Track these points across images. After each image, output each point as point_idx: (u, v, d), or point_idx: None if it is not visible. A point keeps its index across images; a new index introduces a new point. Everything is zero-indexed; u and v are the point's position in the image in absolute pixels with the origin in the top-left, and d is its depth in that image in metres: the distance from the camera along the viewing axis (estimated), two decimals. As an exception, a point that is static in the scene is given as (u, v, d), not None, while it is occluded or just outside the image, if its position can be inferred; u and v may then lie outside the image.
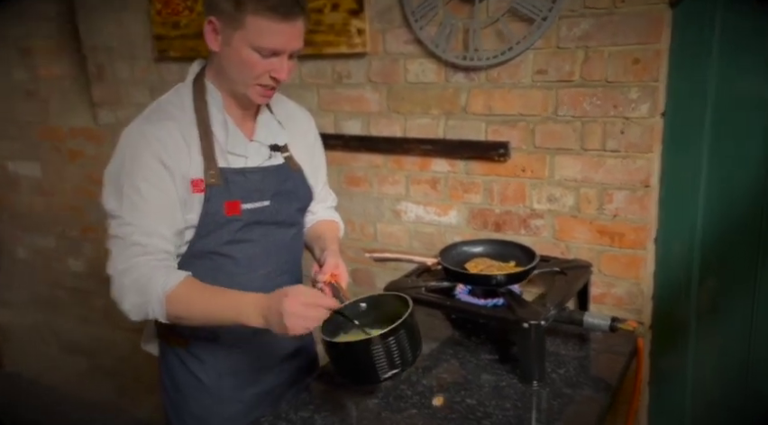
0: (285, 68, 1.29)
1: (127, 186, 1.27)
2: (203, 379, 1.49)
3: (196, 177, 1.32)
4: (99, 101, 2.84)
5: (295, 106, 1.60)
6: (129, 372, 3.32)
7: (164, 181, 1.29)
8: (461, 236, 2.01)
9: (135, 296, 1.24)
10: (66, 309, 3.47)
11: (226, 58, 1.29)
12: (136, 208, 1.26)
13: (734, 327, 1.76)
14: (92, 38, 2.75)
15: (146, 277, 1.24)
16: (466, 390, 1.47)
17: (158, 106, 1.36)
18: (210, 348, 1.48)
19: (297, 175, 1.50)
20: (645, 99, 1.64)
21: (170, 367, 1.52)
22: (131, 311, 1.26)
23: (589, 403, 1.43)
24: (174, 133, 1.30)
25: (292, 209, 1.49)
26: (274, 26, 1.23)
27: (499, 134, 1.87)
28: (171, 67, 2.52)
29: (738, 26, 1.58)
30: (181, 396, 1.52)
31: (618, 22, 1.62)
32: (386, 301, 1.36)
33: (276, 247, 1.47)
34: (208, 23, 1.27)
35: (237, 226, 1.37)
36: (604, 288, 1.82)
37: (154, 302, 1.23)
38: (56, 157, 3.15)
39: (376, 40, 2.00)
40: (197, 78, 1.39)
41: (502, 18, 1.77)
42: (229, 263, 1.40)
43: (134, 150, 1.28)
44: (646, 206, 1.71)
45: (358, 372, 1.25)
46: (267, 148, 1.44)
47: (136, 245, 1.26)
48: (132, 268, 1.25)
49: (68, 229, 3.26)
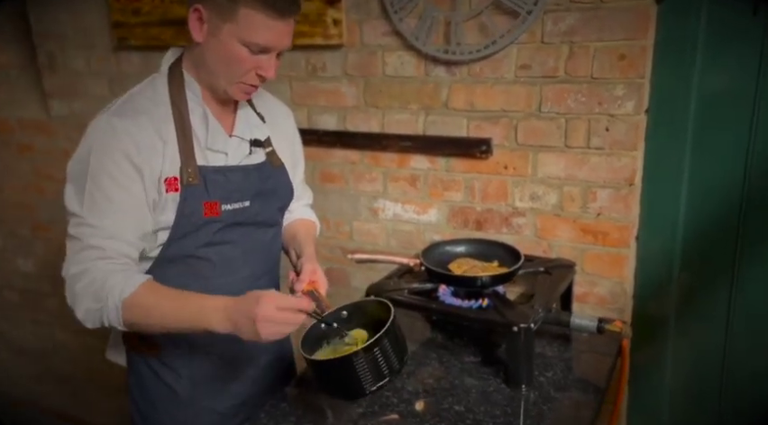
0: (273, 66, 1.22)
1: (90, 184, 1.16)
2: (176, 389, 1.40)
3: (170, 176, 1.22)
4: (51, 92, 2.67)
5: (274, 100, 1.52)
6: (83, 376, 3.17)
7: (132, 180, 1.18)
8: (441, 234, 1.96)
9: (90, 302, 1.14)
10: (15, 311, 3.28)
11: (211, 50, 1.19)
12: (98, 208, 1.16)
13: (712, 324, 1.76)
14: (43, 25, 2.58)
15: (100, 282, 1.13)
16: (453, 396, 1.43)
17: (130, 98, 1.25)
18: (183, 355, 1.39)
19: (278, 171, 1.41)
20: (631, 96, 1.62)
21: (140, 378, 1.42)
22: (85, 318, 1.16)
23: (580, 407, 1.41)
24: (147, 129, 1.20)
25: (273, 209, 1.41)
26: (269, 22, 1.15)
27: (481, 130, 1.82)
28: (132, 57, 2.39)
29: (724, 21, 1.57)
30: (152, 408, 1.42)
31: (604, 18, 1.60)
32: (366, 306, 1.30)
33: (255, 248, 1.39)
34: (194, 11, 1.17)
35: (215, 228, 1.28)
36: (587, 287, 1.80)
37: (110, 309, 1.13)
38: (3, 151, 2.96)
39: (353, 32, 1.93)
40: (173, 69, 1.28)
41: (485, 11, 1.71)
42: (206, 266, 1.31)
43: (101, 145, 1.17)
44: (630, 204, 1.70)
45: (345, 387, 1.18)
46: (247, 143, 1.35)
47: (94, 248, 1.16)
48: (86, 272, 1.14)
49: (17, 227, 3.07)
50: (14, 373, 3.39)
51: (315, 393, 1.43)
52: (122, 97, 1.26)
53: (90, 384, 3.16)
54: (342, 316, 1.28)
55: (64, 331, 3.15)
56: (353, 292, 2.16)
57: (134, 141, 1.18)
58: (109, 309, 1.13)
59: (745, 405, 1.78)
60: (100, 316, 1.14)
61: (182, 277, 1.26)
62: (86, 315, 1.15)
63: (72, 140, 2.68)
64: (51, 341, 3.22)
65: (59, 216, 2.95)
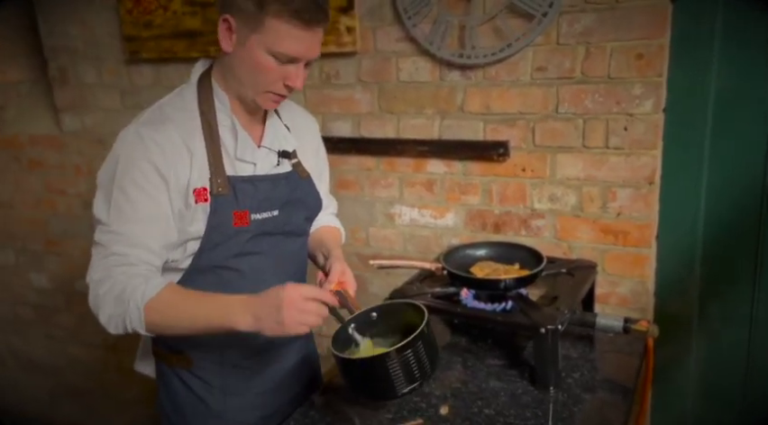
0: (301, 76, 1.21)
1: (117, 192, 1.17)
2: (208, 402, 1.39)
3: (198, 186, 1.22)
4: (63, 106, 2.68)
5: (300, 110, 1.52)
6: (97, 390, 3.16)
7: (157, 189, 1.19)
8: (459, 238, 1.96)
9: (112, 307, 1.14)
10: (29, 327, 3.28)
11: (239, 59, 1.19)
12: (123, 215, 1.17)
13: (735, 321, 1.76)
14: (53, 39, 2.59)
15: (122, 286, 1.13)
16: (482, 399, 1.42)
17: (159, 108, 1.25)
18: (215, 368, 1.39)
19: (305, 182, 1.41)
20: (649, 95, 1.62)
21: (171, 390, 1.42)
22: (108, 323, 1.15)
23: (610, 408, 1.40)
24: (175, 139, 1.20)
25: (300, 218, 1.41)
26: (295, 32, 1.14)
27: (498, 133, 1.82)
28: (143, 70, 2.39)
29: (739, 18, 1.57)
30: (183, 420, 1.42)
31: (620, 17, 1.60)
32: (398, 309, 1.28)
33: (283, 258, 1.39)
34: (223, 21, 1.18)
35: (245, 237, 1.28)
36: (608, 288, 1.79)
37: (132, 312, 1.12)
38: (14, 166, 2.96)
39: (366, 39, 1.93)
40: (202, 79, 1.29)
41: (500, 14, 1.72)
42: (235, 277, 1.30)
43: (129, 154, 1.18)
44: (650, 203, 1.69)
45: (375, 388, 1.16)
46: (275, 154, 1.35)
47: (117, 255, 1.16)
48: (109, 277, 1.15)
49: (30, 243, 3.07)
50: (28, 388, 3.38)
51: (342, 401, 1.42)
52: (150, 108, 1.26)
53: (104, 398, 3.16)
54: (371, 318, 1.27)
55: (77, 346, 3.14)
56: (372, 298, 2.15)
57: (161, 151, 1.18)
58: (131, 312, 1.12)
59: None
60: (123, 320, 1.14)
61: (212, 288, 1.25)
62: (108, 320, 1.15)
63: (84, 154, 2.70)
64: (65, 356, 3.22)
65: (72, 231, 2.96)
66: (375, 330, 1.26)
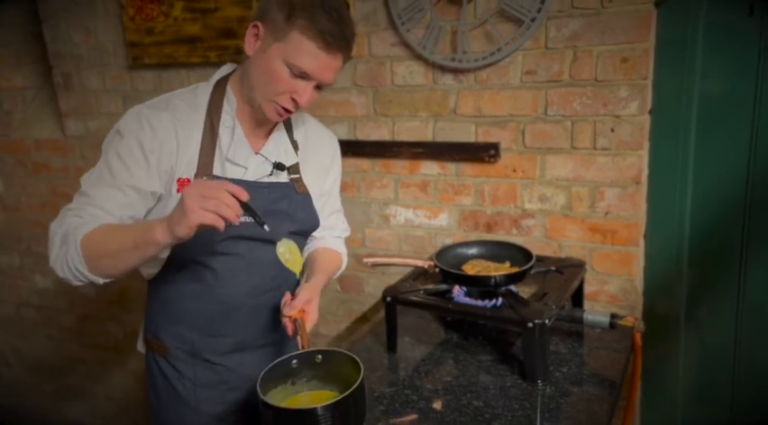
0: (308, 94, 1.26)
1: (102, 161, 1.27)
2: (179, 390, 1.47)
3: (183, 177, 1.28)
4: (67, 111, 2.74)
5: (320, 128, 1.56)
6: (100, 392, 3.20)
7: (137, 164, 1.26)
8: (452, 238, 2.00)
9: (57, 247, 1.21)
10: (33, 328, 3.32)
11: (256, 64, 1.26)
12: (97, 181, 1.26)
13: (722, 319, 1.79)
14: (58, 46, 2.65)
15: (71, 228, 1.20)
16: (471, 392, 1.46)
17: (168, 97, 1.33)
18: (187, 360, 1.46)
19: (301, 197, 1.44)
20: (635, 97, 1.66)
21: (152, 374, 1.52)
22: (54, 263, 1.22)
23: (596, 400, 1.43)
24: (167, 126, 1.27)
25: (283, 230, 1.40)
26: (314, 50, 1.20)
27: (489, 135, 1.87)
28: (145, 75, 2.45)
29: (721, 23, 1.62)
30: (159, 404, 1.51)
31: (606, 22, 1.65)
32: (339, 359, 1.25)
33: (260, 263, 1.41)
34: (253, 27, 1.25)
35: (219, 237, 1.32)
36: (597, 286, 1.84)
37: (71, 249, 1.18)
38: (20, 171, 3.02)
39: (361, 44, 1.99)
40: (220, 81, 1.35)
41: (490, 19, 1.77)
42: (209, 275, 1.37)
43: (124, 130, 1.27)
44: (638, 203, 1.74)
45: None
46: (270, 164, 1.39)
47: (75, 210, 1.24)
48: (60, 226, 1.22)
49: (34, 245, 3.13)
50: (31, 389, 3.43)
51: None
52: (162, 95, 1.34)
53: (107, 399, 3.20)
54: (316, 359, 1.25)
55: (81, 347, 3.19)
56: (367, 297, 2.20)
57: (152, 133, 1.26)
58: (70, 249, 1.18)
59: (758, 399, 1.80)
60: (65, 257, 1.19)
61: (189, 283, 1.34)
62: (55, 260, 1.21)
63: (87, 158, 2.75)
64: (68, 357, 3.26)
65: (76, 233, 2.99)
66: (315, 372, 1.25)
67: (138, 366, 2.85)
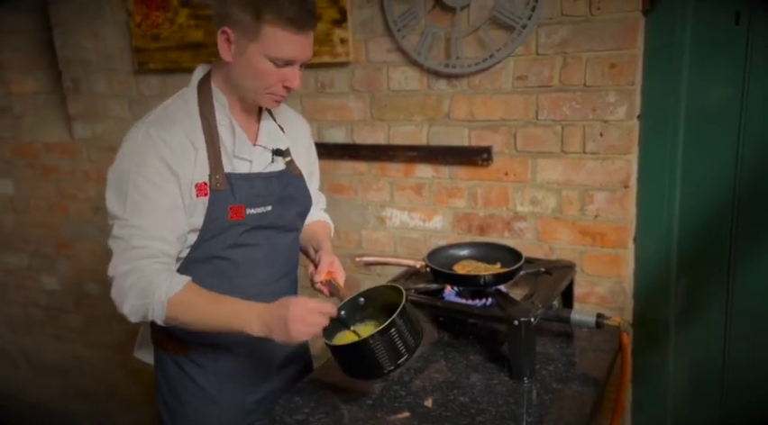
0: (297, 77, 1.32)
1: (132, 188, 1.26)
2: (203, 385, 1.48)
3: (200, 181, 1.32)
4: (75, 115, 2.81)
5: (293, 113, 1.62)
6: (105, 391, 3.25)
7: (169, 184, 1.29)
8: (446, 240, 2.04)
9: (136, 299, 1.24)
10: (39, 328, 3.38)
11: (240, 68, 1.29)
12: (140, 210, 1.26)
13: (711, 322, 1.81)
14: (68, 51, 2.72)
15: (148, 280, 1.24)
16: (458, 389, 1.49)
17: (163, 110, 1.36)
18: (211, 354, 1.48)
19: (297, 180, 1.51)
20: (623, 102, 1.70)
21: (167, 375, 1.51)
22: (130, 313, 1.26)
23: (580, 397, 1.46)
24: (181, 137, 1.30)
25: (292, 214, 1.50)
26: (290, 37, 1.25)
27: (482, 139, 1.91)
28: (150, 80, 2.52)
29: (708, 30, 1.66)
30: (179, 404, 1.50)
31: (595, 29, 1.69)
32: (381, 292, 1.39)
33: (275, 251, 1.48)
34: (222, 34, 1.27)
35: (240, 230, 1.38)
36: (587, 287, 1.86)
37: (155, 305, 1.23)
38: (29, 173, 3.09)
39: (359, 50, 2.04)
40: (201, 84, 1.39)
41: (483, 26, 1.82)
42: (229, 267, 1.40)
43: (140, 152, 1.28)
44: (626, 206, 1.77)
45: (368, 368, 1.28)
46: (269, 152, 1.45)
47: (138, 248, 1.25)
48: (134, 271, 1.24)
49: (42, 246, 3.19)
50: (38, 388, 3.47)
51: (328, 389, 1.50)
52: (155, 109, 1.37)
53: (112, 398, 3.24)
54: (359, 303, 1.37)
55: (86, 347, 3.23)
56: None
57: (171, 148, 1.28)
58: (155, 305, 1.23)
59: (747, 401, 1.82)
60: (145, 311, 1.24)
61: (207, 277, 1.35)
62: (131, 310, 1.25)
63: (94, 161, 2.82)
64: (74, 357, 3.31)
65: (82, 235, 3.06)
66: (364, 313, 1.37)
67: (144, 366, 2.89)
